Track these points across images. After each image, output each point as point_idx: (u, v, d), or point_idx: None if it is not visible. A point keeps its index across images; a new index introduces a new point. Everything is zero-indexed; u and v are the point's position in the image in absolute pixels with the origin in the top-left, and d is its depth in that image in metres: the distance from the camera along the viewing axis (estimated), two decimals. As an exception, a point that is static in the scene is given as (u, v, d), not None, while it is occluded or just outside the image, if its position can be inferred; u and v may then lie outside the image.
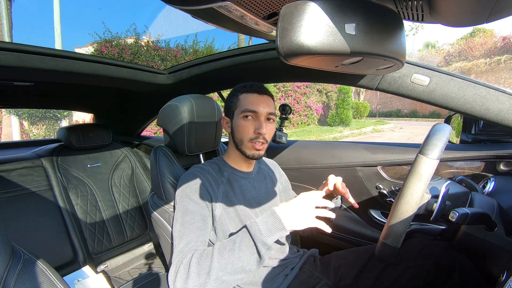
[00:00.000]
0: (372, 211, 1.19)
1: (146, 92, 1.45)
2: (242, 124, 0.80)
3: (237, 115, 0.81)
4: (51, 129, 8.94)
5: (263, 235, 0.60)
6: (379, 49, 0.39)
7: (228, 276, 0.61)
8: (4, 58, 0.81)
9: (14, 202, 1.24)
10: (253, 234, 0.61)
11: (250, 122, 0.79)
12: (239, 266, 0.61)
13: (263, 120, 0.79)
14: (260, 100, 0.80)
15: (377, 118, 14.50)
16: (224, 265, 0.60)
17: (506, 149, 0.93)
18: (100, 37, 6.86)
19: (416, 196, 0.60)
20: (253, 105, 0.79)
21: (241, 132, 0.80)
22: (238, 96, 0.82)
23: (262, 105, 0.79)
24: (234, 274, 0.61)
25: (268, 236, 0.61)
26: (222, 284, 0.61)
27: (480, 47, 15.56)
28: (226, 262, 0.60)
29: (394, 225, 0.61)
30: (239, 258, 0.61)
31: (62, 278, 0.51)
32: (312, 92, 10.71)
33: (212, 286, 0.60)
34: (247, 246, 0.61)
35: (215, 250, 0.63)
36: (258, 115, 0.79)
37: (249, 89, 0.81)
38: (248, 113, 0.79)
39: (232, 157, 0.88)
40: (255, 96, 0.80)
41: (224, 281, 0.61)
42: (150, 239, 1.67)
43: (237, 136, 0.82)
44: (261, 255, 0.61)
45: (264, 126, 0.78)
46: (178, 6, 0.47)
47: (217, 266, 0.60)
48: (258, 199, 0.88)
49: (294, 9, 0.36)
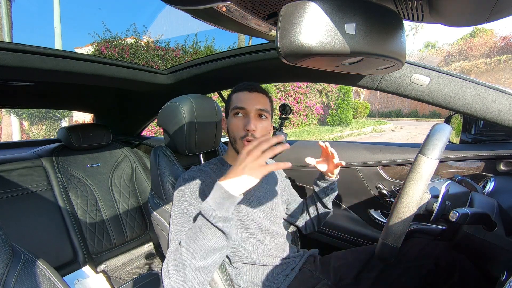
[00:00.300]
0: (372, 211, 1.19)
1: (146, 92, 1.45)
2: (232, 122, 0.80)
3: (229, 114, 0.82)
4: (51, 129, 8.95)
5: (214, 210, 0.60)
6: (379, 49, 0.39)
7: (202, 261, 0.60)
8: (4, 58, 0.81)
9: (14, 202, 1.24)
10: (205, 213, 0.61)
11: (239, 119, 0.79)
12: (208, 248, 0.61)
13: (253, 117, 0.78)
14: (249, 97, 0.79)
15: (377, 118, 14.50)
16: (194, 252, 0.60)
17: (506, 149, 0.93)
18: (100, 37, 6.86)
19: (416, 196, 0.60)
20: (241, 102, 0.79)
21: (232, 130, 0.81)
22: (231, 96, 0.84)
23: (252, 101, 0.79)
24: (208, 257, 0.61)
25: (218, 209, 0.60)
26: (202, 271, 0.61)
27: (480, 47, 15.56)
28: (194, 249, 0.61)
29: (394, 225, 0.61)
30: (203, 240, 0.61)
31: (62, 278, 0.51)
32: (312, 92, 10.71)
33: (193, 277, 0.60)
34: (206, 226, 0.61)
35: (182, 243, 0.63)
36: (247, 112, 0.78)
37: (240, 88, 0.82)
38: (237, 110, 0.79)
39: (231, 157, 0.89)
40: (244, 94, 0.80)
41: (202, 268, 0.61)
42: (150, 239, 1.67)
43: (230, 135, 0.82)
44: (223, 230, 0.60)
45: (253, 122, 0.77)
46: (178, 6, 0.47)
47: (187, 256, 0.60)
48: (259, 198, 0.88)
49: (294, 9, 0.36)
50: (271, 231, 0.87)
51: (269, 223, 0.88)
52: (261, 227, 0.85)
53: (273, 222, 0.90)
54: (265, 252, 0.83)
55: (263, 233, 0.85)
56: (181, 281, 0.61)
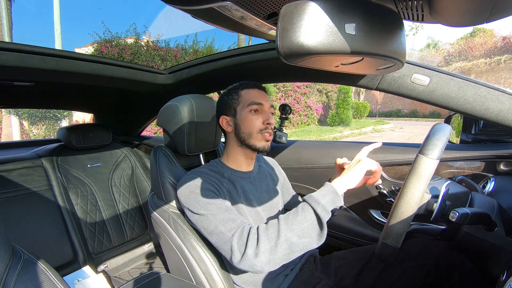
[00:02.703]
0: (372, 211, 1.19)
1: (146, 92, 1.45)
2: (250, 117, 0.82)
3: (242, 110, 0.82)
4: (51, 129, 8.95)
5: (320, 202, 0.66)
6: (379, 49, 0.39)
7: (296, 238, 0.64)
8: (4, 58, 0.81)
9: (14, 202, 1.24)
10: (310, 202, 0.67)
11: (257, 114, 0.82)
12: (305, 227, 0.65)
13: (269, 112, 0.84)
14: (262, 94, 0.84)
15: (377, 118, 14.49)
16: (291, 226, 0.65)
17: (506, 149, 0.93)
18: (100, 37, 6.85)
19: (416, 196, 0.60)
20: (258, 98, 0.82)
21: (250, 125, 0.82)
22: (238, 92, 0.84)
23: (265, 98, 0.84)
24: (302, 237, 0.65)
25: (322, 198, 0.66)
26: (291, 247, 0.65)
27: (480, 47, 15.56)
28: (292, 223, 0.65)
29: (394, 225, 0.61)
30: (304, 218, 0.66)
31: (62, 278, 0.51)
32: (312, 92, 10.71)
33: (282, 249, 0.64)
34: (308, 210, 0.67)
35: (280, 218, 0.68)
36: (264, 108, 0.83)
37: (249, 85, 0.85)
38: (255, 106, 0.82)
39: (232, 158, 0.88)
40: (257, 91, 0.84)
41: (293, 244, 0.64)
42: (150, 239, 1.67)
43: (244, 131, 0.82)
44: (320, 215, 0.65)
45: (271, 116, 0.83)
46: (178, 6, 0.47)
47: (285, 227, 0.65)
48: (260, 198, 0.87)
49: (294, 9, 0.36)
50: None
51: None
52: None
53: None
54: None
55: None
56: (271, 249, 0.64)
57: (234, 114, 0.83)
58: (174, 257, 0.89)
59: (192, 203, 0.74)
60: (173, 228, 0.87)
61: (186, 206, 0.76)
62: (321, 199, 0.66)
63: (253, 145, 0.83)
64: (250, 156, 0.88)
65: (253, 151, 0.85)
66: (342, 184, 0.69)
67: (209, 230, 0.71)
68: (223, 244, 0.69)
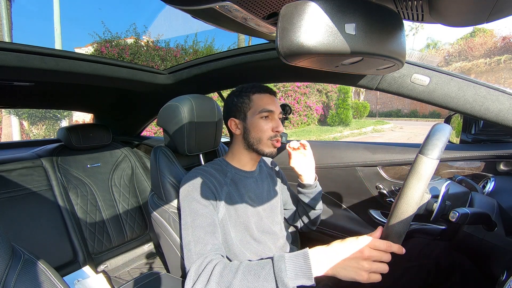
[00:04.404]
0: (372, 211, 1.19)
1: (146, 92, 1.45)
2: (261, 124, 0.82)
3: (253, 116, 0.82)
4: (51, 129, 8.95)
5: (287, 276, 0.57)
6: (379, 49, 0.39)
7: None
8: (4, 58, 0.81)
9: (14, 202, 1.24)
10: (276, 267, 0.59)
11: (268, 121, 0.83)
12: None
13: (278, 119, 0.84)
14: (273, 100, 0.84)
15: (377, 118, 14.49)
16: (246, 283, 0.59)
17: (506, 149, 0.94)
18: (100, 37, 6.86)
19: (416, 196, 0.60)
20: (269, 105, 0.82)
21: (260, 132, 0.82)
22: (250, 96, 0.84)
23: (275, 104, 0.84)
24: None
25: (291, 278, 0.57)
26: None
27: (480, 47, 15.57)
28: (248, 285, 0.59)
29: (394, 225, 0.61)
30: (260, 282, 0.59)
31: (62, 278, 0.51)
32: (312, 92, 10.71)
33: None
34: (271, 279, 0.59)
35: (240, 268, 0.62)
36: (274, 115, 0.84)
37: (260, 90, 0.84)
38: (266, 113, 0.82)
39: (237, 158, 0.88)
40: (268, 97, 0.84)
41: None
42: (150, 239, 1.67)
43: (254, 136, 0.83)
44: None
45: (280, 124, 0.84)
46: (178, 6, 0.47)
47: (239, 285, 0.59)
48: (260, 198, 0.88)
49: (294, 9, 0.35)
50: (273, 232, 0.87)
51: (270, 224, 0.88)
52: (263, 228, 0.85)
53: (275, 222, 0.90)
54: (266, 254, 0.83)
55: (264, 234, 0.85)
56: None
57: (244, 118, 0.84)
58: (174, 257, 0.89)
59: (184, 207, 0.76)
60: (173, 228, 0.87)
61: (181, 205, 0.78)
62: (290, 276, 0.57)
63: (261, 150, 0.84)
64: (256, 158, 0.89)
65: (260, 155, 0.86)
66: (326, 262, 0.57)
67: (184, 240, 0.72)
68: (186, 261, 0.69)
